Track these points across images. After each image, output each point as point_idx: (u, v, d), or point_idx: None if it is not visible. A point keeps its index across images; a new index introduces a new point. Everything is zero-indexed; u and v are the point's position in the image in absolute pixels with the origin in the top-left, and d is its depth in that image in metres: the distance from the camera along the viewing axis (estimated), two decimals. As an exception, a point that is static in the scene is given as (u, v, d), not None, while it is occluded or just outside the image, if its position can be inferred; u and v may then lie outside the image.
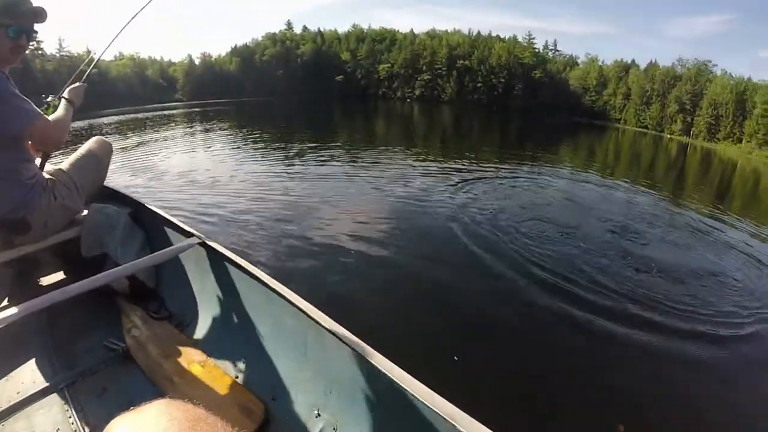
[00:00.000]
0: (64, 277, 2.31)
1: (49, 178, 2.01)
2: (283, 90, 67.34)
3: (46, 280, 2.28)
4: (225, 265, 1.86)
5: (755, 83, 52.42)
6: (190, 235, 2.03)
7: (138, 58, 66.01)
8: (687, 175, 19.67)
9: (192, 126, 21.22)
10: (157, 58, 71.57)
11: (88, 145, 2.35)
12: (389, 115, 39.28)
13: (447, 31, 78.24)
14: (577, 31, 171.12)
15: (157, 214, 2.27)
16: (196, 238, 1.98)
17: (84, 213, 2.20)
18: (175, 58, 74.21)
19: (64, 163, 2.21)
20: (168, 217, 2.22)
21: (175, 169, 8.89)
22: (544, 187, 9.40)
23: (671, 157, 28.80)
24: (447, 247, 5.07)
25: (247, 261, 1.76)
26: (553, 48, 77.62)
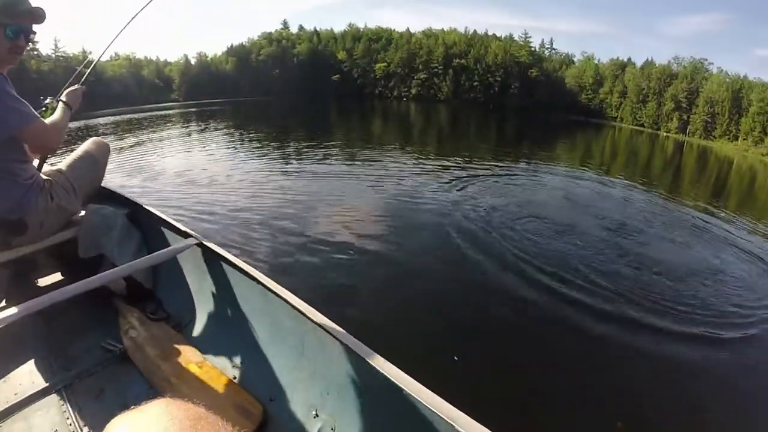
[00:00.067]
0: (62, 278, 2.30)
1: (47, 179, 2.00)
2: (280, 90, 67.10)
3: (43, 281, 2.27)
4: (222, 266, 1.86)
5: (751, 81, 52.52)
6: (187, 235, 2.02)
7: (134, 58, 65.64)
8: (684, 172, 19.73)
9: (188, 126, 21.18)
10: (153, 58, 71.34)
11: (86, 146, 2.35)
12: (386, 114, 39.24)
13: (443, 30, 78.02)
14: (573, 29, 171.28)
15: (154, 214, 2.27)
16: (194, 239, 1.97)
17: (81, 214, 2.19)
18: (172, 58, 73.90)
19: (61, 164, 2.20)
20: (165, 217, 2.21)
21: (172, 170, 8.88)
22: (542, 185, 9.44)
23: (668, 155, 28.86)
24: (444, 246, 5.08)
25: (244, 261, 1.76)
26: (549, 46, 77.60)
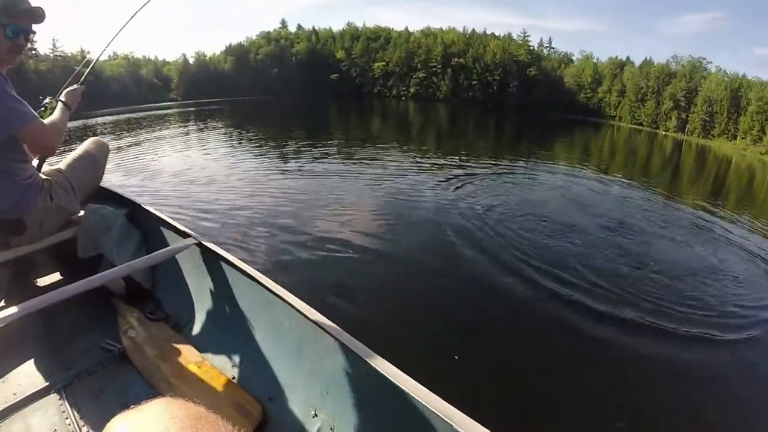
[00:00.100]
0: (61, 278, 2.30)
1: (46, 179, 2.01)
2: (278, 89, 66.96)
3: (42, 281, 2.28)
4: (221, 266, 1.86)
5: (750, 80, 52.60)
6: (186, 235, 2.02)
7: (132, 57, 65.41)
8: (682, 171, 19.76)
9: (187, 125, 21.14)
10: (152, 57, 71.18)
11: (85, 145, 2.35)
12: (384, 113, 39.20)
13: (442, 29, 78.00)
14: (571, 28, 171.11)
15: (153, 214, 2.27)
16: (193, 239, 1.97)
17: (80, 214, 2.19)
18: (171, 58, 73.69)
19: (60, 163, 2.20)
20: (164, 217, 2.21)
21: (171, 169, 8.87)
22: (541, 184, 9.45)
23: (666, 154, 28.89)
24: (443, 245, 5.08)
25: (243, 261, 1.76)
26: (548, 45, 77.63)
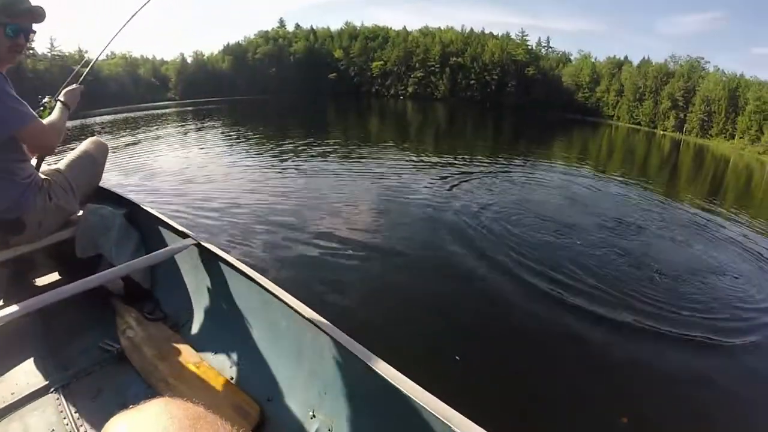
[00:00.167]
0: (59, 277, 2.30)
1: (45, 179, 2.01)
2: (276, 88, 66.88)
3: (40, 281, 2.28)
4: (220, 266, 1.86)
5: (747, 80, 52.69)
6: (185, 236, 2.03)
7: (130, 57, 65.29)
8: (681, 171, 19.80)
9: (185, 125, 21.11)
10: (150, 57, 71.03)
11: (84, 145, 2.35)
12: (382, 112, 39.19)
13: (440, 28, 78.04)
14: (569, 28, 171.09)
15: (152, 215, 2.27)
16: (192, 239, 1.97)
17: (79, 213, 2.19)
18: (168, 57, 73.58)
19: (59, 163, 2.21)
20: (163, 218, 2.21)
21: (169, 168, 8.87)
22: (540, 184, 9.46)
23: (664, 154, 28.93)
24: (441, 245, 5.07)
25: (242, 262, 1.76)
26: (546, 45, 77.67)
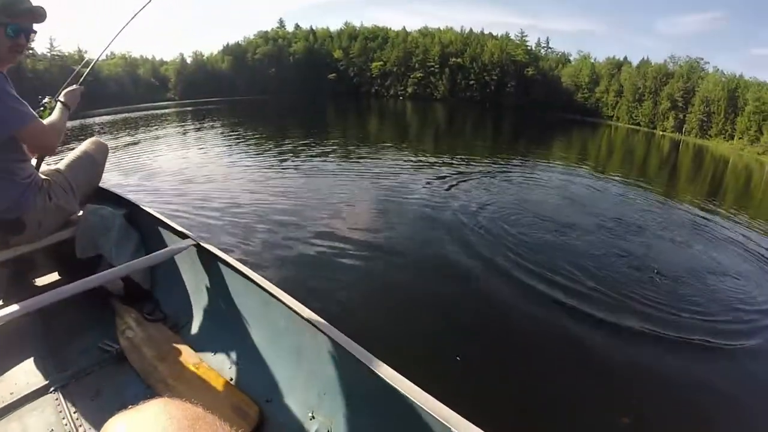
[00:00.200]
0: (59, 277, 2.30)
1: (45, 179, 2.01)
2: (276, 88, 66.86)
3: (40, 281, 2.27)
4: (220, 267, 1.86)
5: (747, 80, 52.75)
6: (185, 236, 2.03)
7: (129, 57, 65.27)
8: (680, 171, 19.80)
9: (184, 125, 21.12)
10: (149, 57, 71.00)
11: (84, 146, 2.35)
12: (382, 113, 39.20)
13: (439, 28, 78.08)
14: (569, 28, 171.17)
15: (152, 215, 2.27)
16: (191, 240, 1.98)
17: (79, 214, 2.19)
18: (168, 57, 73.55)
19: (60, 163, 2.21)
20: (163, 218, 2.21)
21: (169, 169, 8.87)
22: (539, 184, 9.46)
23: (664, 154, 28.94)
24: (441, 246, 5.07)
25: (241, 263, 1.76)
26: (545, 45, 77.82)
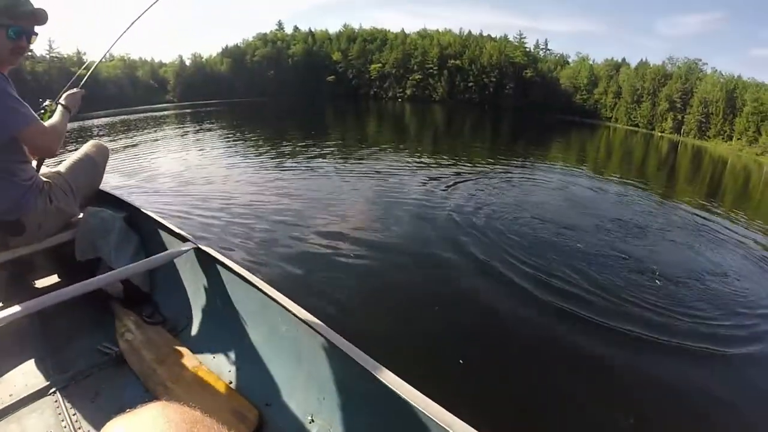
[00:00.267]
0: (59, 280, 2.30)
1: (46, 181, 2.01)
2: (275, 91, 66.93)
3: (40, 283, 2.27)
4: (219, 271, 1.86)
5: (745, 81, 52.85)
6: (185, 239, 2.03)
7: (128, 59, 65.31)
8: (679, 172, 19.79)
9: (183, 127, 21.10)
10: (148, 59, 71.05)
11: (85, 148, 2.36)
12: (381, 115, 39.18)
13: (438, 30, 78.31)
14: (569, 29, 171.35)
15: (152, 218, 2.27)
16: (191, 243, 1.98)
17: (79, 216, 2.20)
18: (167, 59, 73.59)
19: (60, 166, 2.21)
20: (163, 221, 2.22)
21: (168, 171, 8.85)
22: (538, 186, 9.46)
23: (662, 155, 28.93)
24: (441, 249, 5.05)
25: (241, 266, 1.76)
26: (544, 47, 77.96)
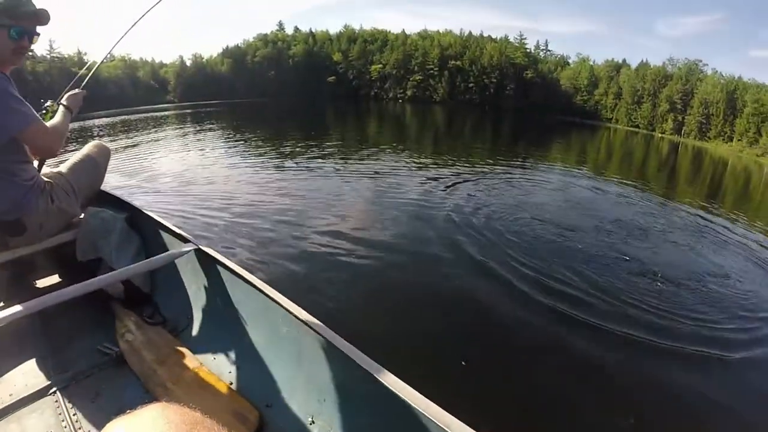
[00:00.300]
0: (60, 280, 2.30)
1: (47, 181, 2.01)
2: (275, 91, 67.02)
3: (41, 283, 2.27)
4: (220, 271, 1.86)
5: (745, 82, 52.99)
6: (186, 240, 2.03)
7: (129, 59, 65.41)
8: (679, 173, 19.79)
9: (184, 128, 21.10)
10: (149, 59, 71.15)
11: (87, 149, 2.36)
12: (381, 115, 39.20)
13: (439, 31, 78.52)
14: (568, 30, 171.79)
15: (153, 219, 2.27)
16: (192, 244, 1.98)
17: (80, 217, 2.20)
18: (168, 59, 73.70)
19: (62, 166, 2.22)
20: (164, 222, 2.22)
21: (169, 171, 8.84)
22: (539, 187, 9.45)
23: (663, 156, 28.95)
24: (442, 250, 5.04)
25: (242, 267, 1.76)
26: (544, 48, 78.22)
